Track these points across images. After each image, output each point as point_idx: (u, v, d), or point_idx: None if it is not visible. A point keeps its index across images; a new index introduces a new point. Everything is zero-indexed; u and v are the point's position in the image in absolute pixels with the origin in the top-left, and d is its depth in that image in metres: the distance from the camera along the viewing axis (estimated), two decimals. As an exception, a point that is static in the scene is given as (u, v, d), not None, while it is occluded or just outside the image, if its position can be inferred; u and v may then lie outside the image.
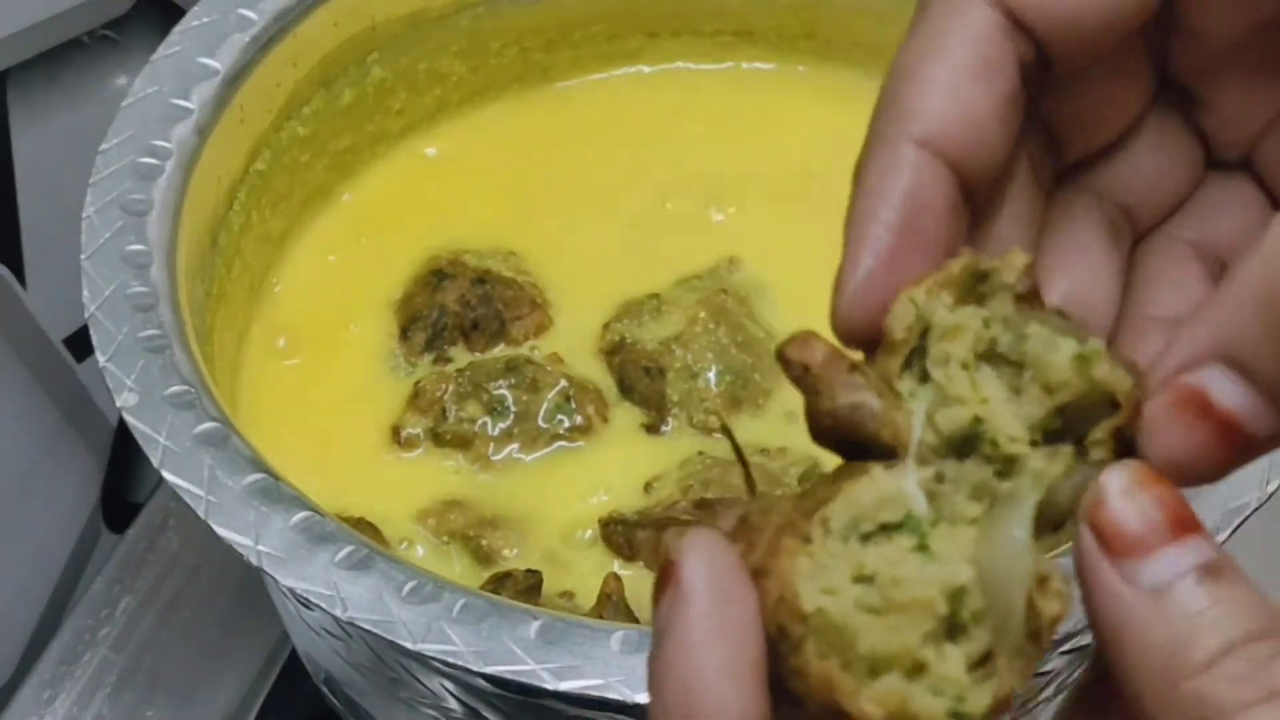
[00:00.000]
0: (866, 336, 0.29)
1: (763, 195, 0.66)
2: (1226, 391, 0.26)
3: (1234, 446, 0.27)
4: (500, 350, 0.60)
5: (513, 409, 0.58)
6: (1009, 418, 0.28)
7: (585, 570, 0.55)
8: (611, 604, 0.52)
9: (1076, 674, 0.51)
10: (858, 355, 0.29)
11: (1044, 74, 0.30)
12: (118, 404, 0.49)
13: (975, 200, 0.30)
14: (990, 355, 0.28)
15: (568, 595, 0.54)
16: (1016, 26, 0.29)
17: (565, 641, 0.44)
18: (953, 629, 0.27)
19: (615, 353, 0.60)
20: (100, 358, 0.50)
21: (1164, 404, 0.27)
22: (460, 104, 0.68)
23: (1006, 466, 0.27)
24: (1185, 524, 0.26)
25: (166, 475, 0.47)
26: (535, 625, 0.44)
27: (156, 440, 0.48)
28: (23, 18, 0.68)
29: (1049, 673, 0.50)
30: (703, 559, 0.26)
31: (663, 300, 0.60)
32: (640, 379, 0.59)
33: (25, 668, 0.65)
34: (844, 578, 0.26)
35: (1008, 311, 0.28)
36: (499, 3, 0.66)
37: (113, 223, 0.53)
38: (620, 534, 0.55)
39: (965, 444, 0.28)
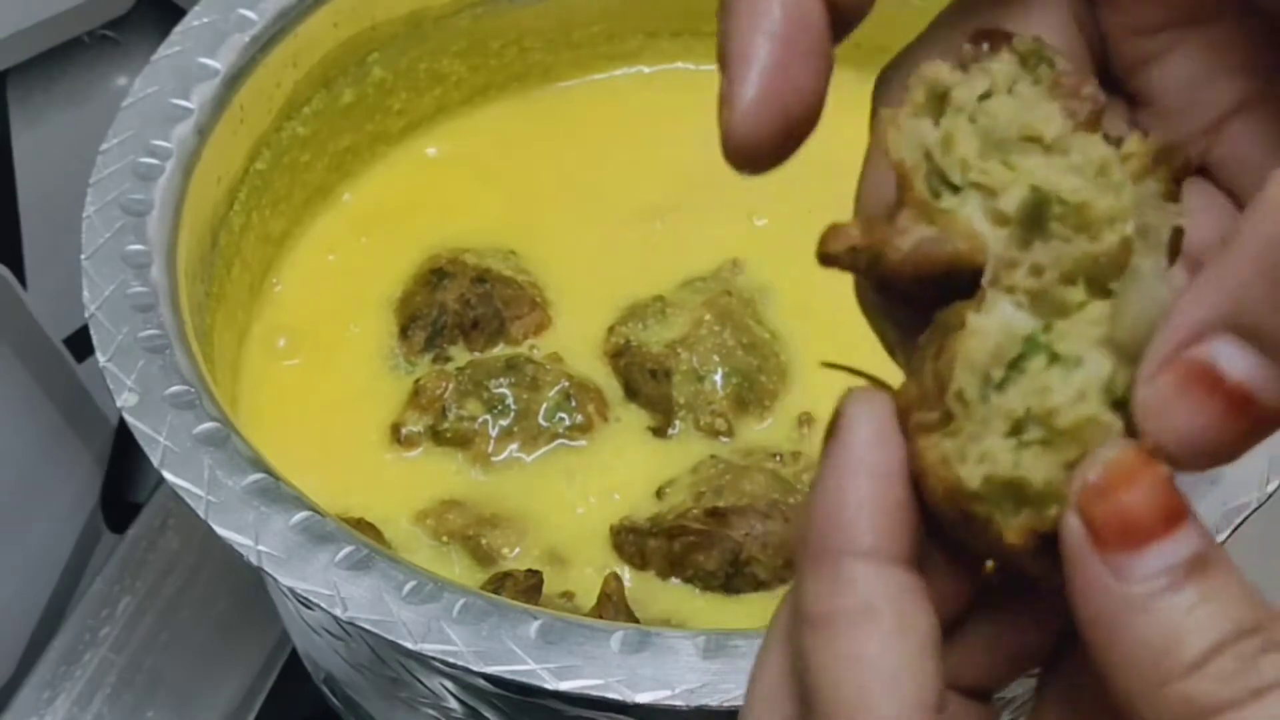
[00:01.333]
0: (765, 153, 0.29)
1: (763, 196, 0.66)
2: (1236, 362, 0.25)
3: (1248, 421, 0.25)
4: (500, 349, 0.60)
5: (513, 407, 0.58)
6: (1059, 171, 0.27)
7: (586, 570, 0.55)
8: (611, 604, 0.52)
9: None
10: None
11: None
12: (118, 404, 0.49)
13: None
14: (1000, 136, 0.27)
15: (568, 595, 0.54)
16: None
17: (565, 641, 0.44)
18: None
19: (620, 355, 0.60)
20: (100, 358, 0.50)
21: (1169, 382, 0.26)
22: (460, 104, 0.68)
23: (1086, 226, 0.27)
24: (1176, 514, 0.25)
25: (167, 475, 0.47)
26: (535, 625, 0.44)
27: (157, 440, 0.48)
28: (23, 18, 0.68)
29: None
30: (864, 413, 0.27)
31: (667, 302, 0.60)
32: (646, 382, 0.59)
33: (25, 668, 0.65)
34: (998, 436, 0.26)
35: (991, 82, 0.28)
36: (499, 3, 0.66)
37: (113, 223, 0.53)
38: (632, 542, 0.55)
39: (1036, 222, 0.27)
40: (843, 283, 0.30)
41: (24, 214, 0.70)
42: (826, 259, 0.28)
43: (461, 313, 0.60)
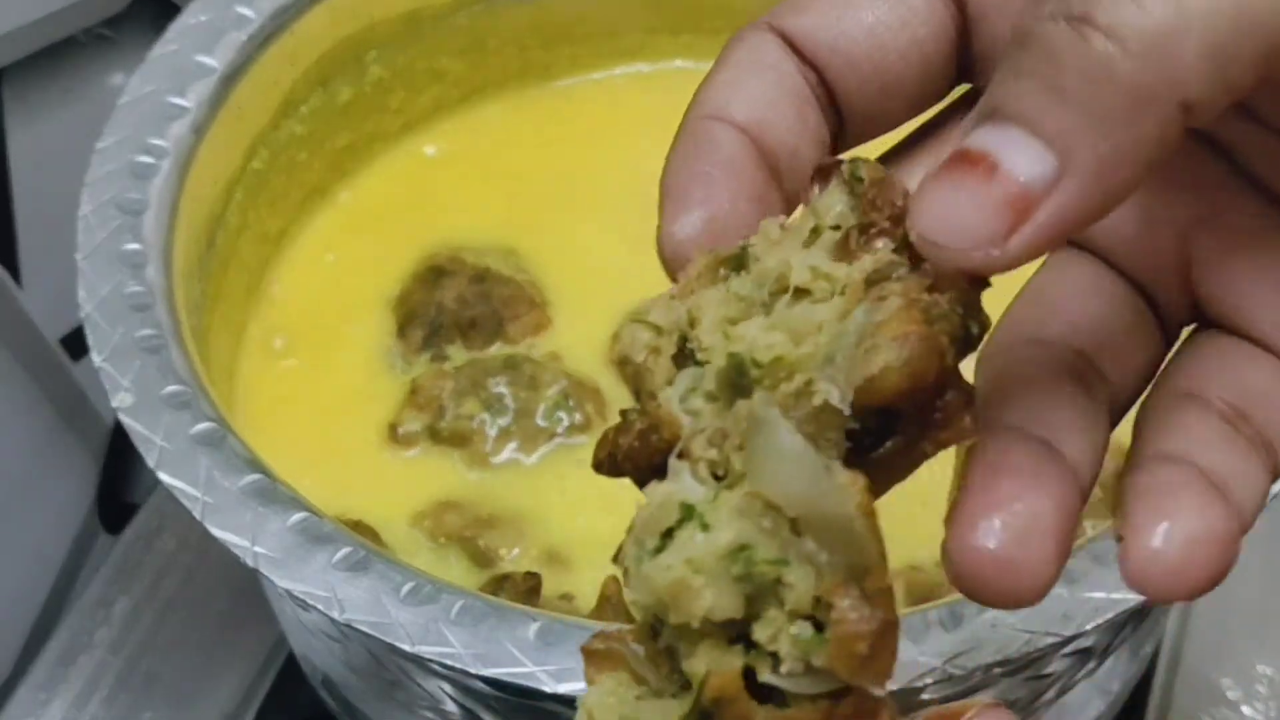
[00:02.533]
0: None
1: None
2: (986, 138, 0.25)
3: (1006, 195, 0.24)
4: (498, 349, 0.60)
5: (511, 406, 0.58)
6: (760, 331, 0.26)
7: (585, 572, 0.55)
8: (611, 606, 0.51)
9: (1079, 676, 0.51)
10: None
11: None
12: (114, 404, 0.48)
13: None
14: (748, 305, 0.27)
15: (567, 597, 0.54)
16: (792, 50, 0.30)
17: (564, 643, 0.43)
18: (760, 595, 0.25)
19: (626, 363, 0.59)
20: (96, 358, 0.50)
21: (929, 178, 0.25)
22: (459, 102, 0.68)
23: (784, 379, 0.26)
24: None
25: (162, 476, 0.47)
26: (534, 627, 0.44)
27: (153, 441, 0.48)
28: (18, 15, 0.67)
29: (1050, 675, 0.50)
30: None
31: None
32: None
33: (21, 669, 0.65)
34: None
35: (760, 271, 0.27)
36: (497, 1, 0.66)
37: (109, 222, 0.53)
38: None
39: (741, 388, 0.26)
40: None
41: (19, 213, 0.70)
42: (598, 468, 0.29)
43: (459, 312, 0.60)
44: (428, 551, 0.55)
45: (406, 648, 0.43)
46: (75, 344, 0.68)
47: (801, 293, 0.27)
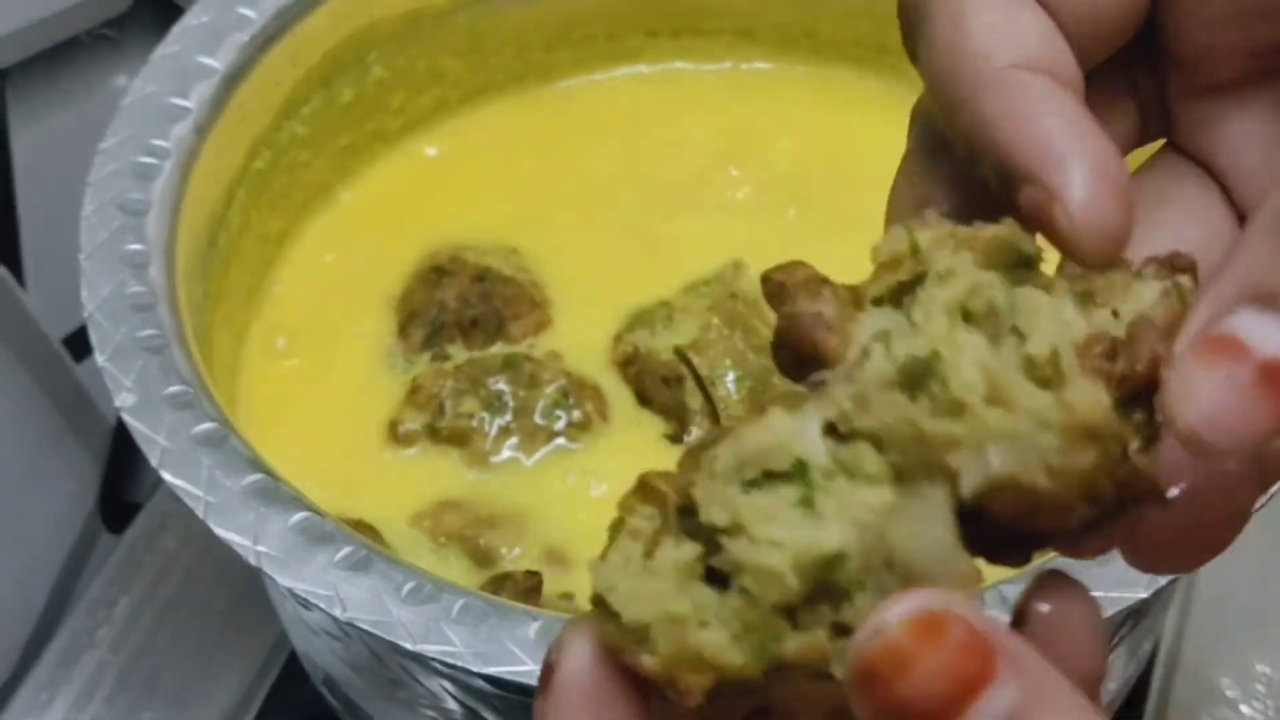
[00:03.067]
0: (1122, 237, 0.27)
1: (762, 195, 0.66)
2: (1261, 331, 0.23)
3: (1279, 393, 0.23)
4: (499, 348, 0.60)
5: (510, 405, 0.58)
6: (973, 366, 0.25)
7: (585, 571, 0.55)
8: (611, 605, 0.51)
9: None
10: None
11: None
12: (116, 404, 0.49)
13: None
14: (986, 318, 0.26)
15: (568, 597, 0.54)
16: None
17: (565, 642, 0.44)
18: (821, 592, 0.24)
19: (630, 364, 0.59)
20: (99, 358, 0.50)
21: (1194, 360, 0.24)
22: (460, 103, 0.68)
23: (954, 411, 0.25)
24: (980, 678, 0.22)
25: (165, 475, 0.47)
26: (535, 626, 0.44)
27: (155, 440, 0.48)
28: (22, 16, 0.67)
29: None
30: (577, 664, 0.26)
31: (673, 308, 0.60)
32: (659, 389, 0.58)
33: (23, 669, 0.65)
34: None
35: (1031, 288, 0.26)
36: (498, 1, 0.66)
37: (111, 222, 0.53)
38: None
39: (916, 382, 0.25)
40: (845, 281, 0.29)
41: (22, 213, 0.70)
42: (764, 279, 0.28)
43: (460, 311, 0.60)
44: (428, 552, 0.55)
45: (408, 646, 0.44)
46: (78, 344, 0.68)
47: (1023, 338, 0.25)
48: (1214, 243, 0.30)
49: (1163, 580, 0.44)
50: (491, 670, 0.43)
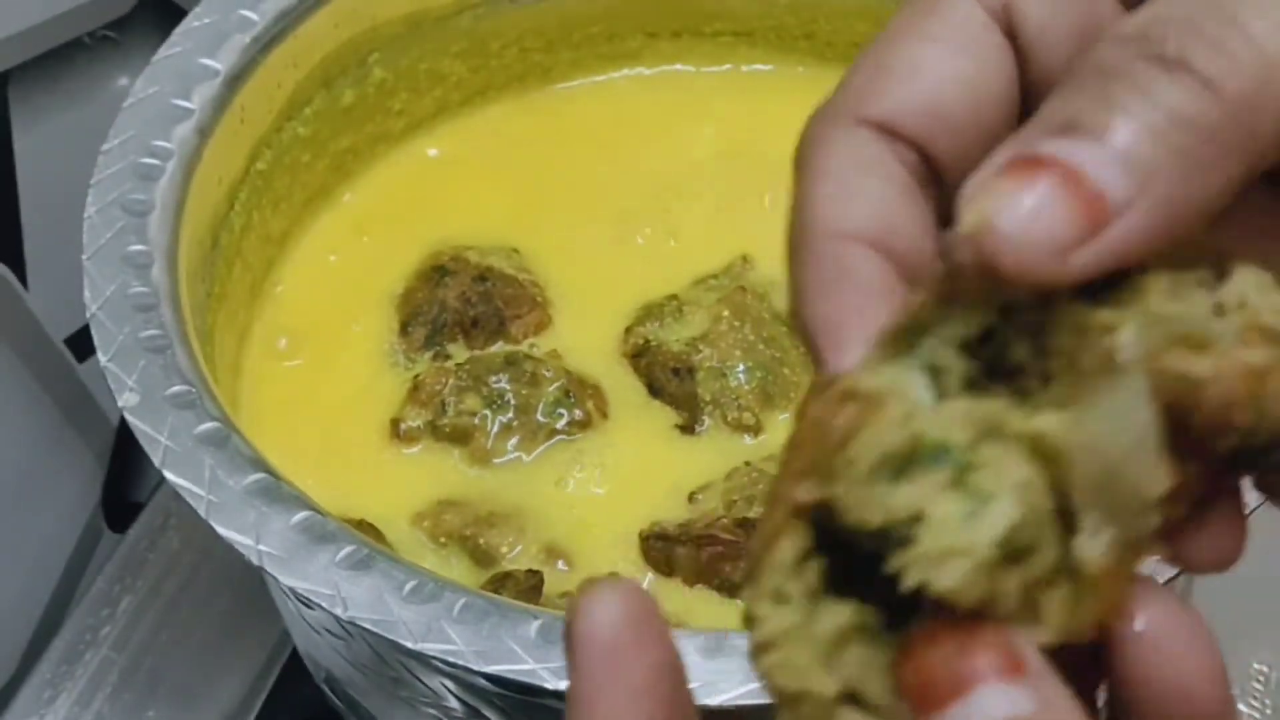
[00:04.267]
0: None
1: (761, 197, 0.66)
2: (1061, 146, 0.24)
3: (1083, 204, 0.24)
4: (499, 347, 0.60)
5: (512, 403, 0.58)
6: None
7: (587, 569, 0.55)
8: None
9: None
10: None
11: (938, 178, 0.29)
12: (119, 404, 0.49)
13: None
14: None
15: (569, 596, 0.54)
16: (887, 134, 0.28)
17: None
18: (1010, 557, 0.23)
19: (641, 355, 0.60)
20: (101, 358, 0.50)
21: (992, 179, 0.24)
22: (461, 104, 0.68)
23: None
24: (989, 672, 0.23)
25: (168, 475, 0.47)
26: (536, 624, 0.44)
27: (158, 440, 0.48)
28: (24, 18, 0.68)
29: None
30: (598, 624, 0.25)
31: (682, 301, 0.61)
32: (669, 381, 0.59)
33: (26, 667, 0.65)
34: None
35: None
36: (499, 3, 0.67)
37: (114, 223, 0.53)
38: (659, 549, 0.55)
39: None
40: None
41: (25, 214, 0.70)
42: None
43: (462, 311, 0.60)
44: (429, 552, 0.55)
45: (409, 645, 0.44)
46: (80, 344, 0.68)
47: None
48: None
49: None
50: (492, 669, 0.43)
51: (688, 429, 0.58)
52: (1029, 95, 0.29)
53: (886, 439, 0.24)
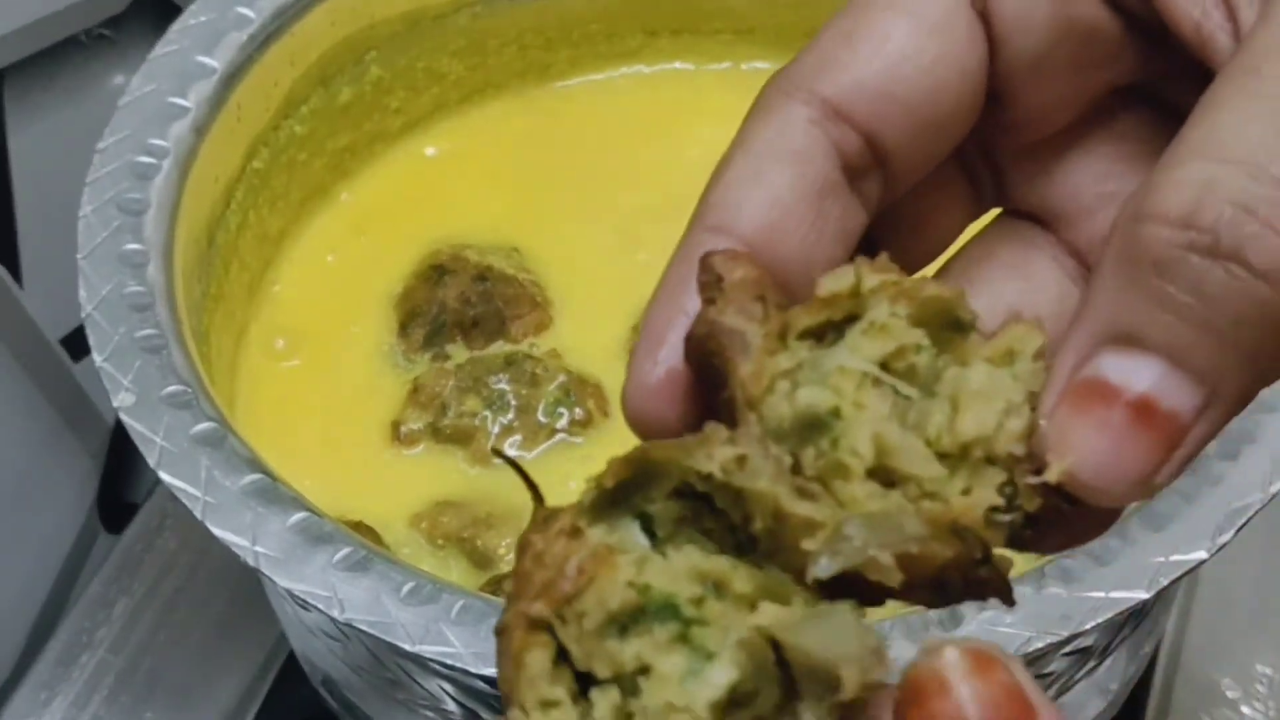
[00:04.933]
0: (655, 428, 0.28)
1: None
2: (1127, 372, 0.24)
3: (1158, 431, 0.24)
4: (499, 347, 0.60)
5: (513, 403, 0.58)
6: (865, 434, 0.25)
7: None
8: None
9: (1079, 675, 0.51)
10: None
11: (883, 168, 0.29)
12: (115, 404, 0.48)
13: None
14: (907, 378, 0.26)
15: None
16: (833, 117, 0.28)
17: (564, 643, 0.43)
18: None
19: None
20: (97, 358, 0.50)
21: (1066, 408, 0.24)
22: (459, 103, 0.68)
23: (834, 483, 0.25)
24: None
25: (163, 476, 0.47)
26: (534, 627, 0.44)
27: (153, 440, 0.48)
28: (19, 16, 0.67)
29: (1049, 675, 0.50)
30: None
31: None
32: None
33: (22, 669, 0.65)
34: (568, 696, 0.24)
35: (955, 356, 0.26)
36: (497, 1, 0.66)
37: (110, 222, 0.53)
38: None
39: (806, 435, 0.25)
40: None
41: (20, 213, 0.69)
42: (703, 261, 0.28)
43: (461, 311, 0.60)
44: (427, 554, 0.55)
45: (407, 647, 0.43)
46: (76, 344, 0.68)
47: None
48: (1038, 294, 0.30)
49: (1164, 581, 0.44)
50: (490, 671, 0.43)
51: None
52: (997, 82, 0.29)
53: (614, 598, 0.25)
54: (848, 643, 0.24)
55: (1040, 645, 0.43)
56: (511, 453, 0.58)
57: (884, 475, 0.25)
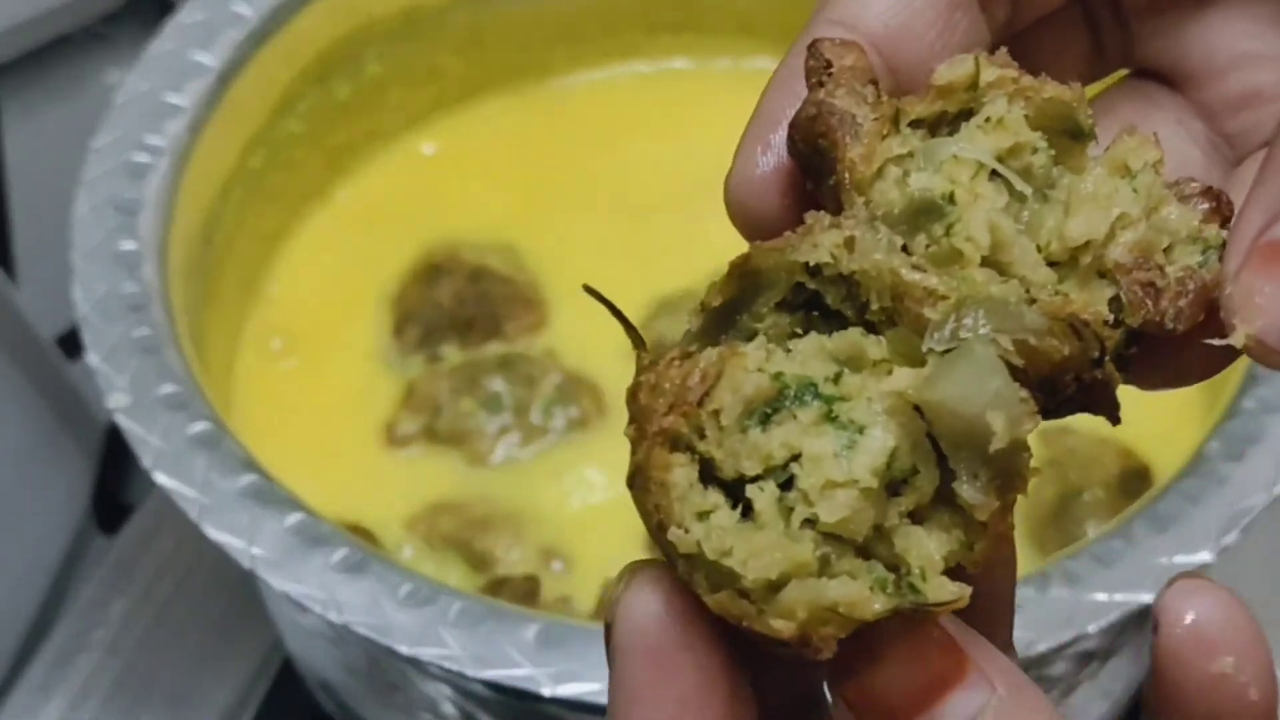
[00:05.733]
0: (757, 221, 0.27)
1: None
2: None
3: None
4: (494, 347, 0.60)
5: (508, 404, 0.57)
6: (983, 219, 0.24)
7: (583, 573, 0.54)
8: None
9: (1082, 677, 0.51)
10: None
11: None
12: (109, 404, 0.48)
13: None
14: (1022, 177, 0.25)
15: (565, 600, 0.53)
16: None
17: (563, 645, 0.43)
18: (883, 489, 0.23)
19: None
20: (92, 358, 0.50)
21: (1251, 269, 0.24)
22: (457, 100, 0.68)
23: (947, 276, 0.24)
24: (948, 679, 0.23)
25: (158, 477, 0.47)
26: (533, 629, 0.44)
27: (149, 441, 0.47)
28: (14, 14, 0.67)
29: (1053, 677, 0.49)
30: (639, 622, 0.24)
31: (698, 296, 0.60)
32: None
33: (18, 671, 0.64)
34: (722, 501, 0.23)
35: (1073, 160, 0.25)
36: (495, -2, 0.66)
37: (105, 221, 0.53)
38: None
39: (918, 222, 0.25)
40: None
41: (14, 212, 0.69)
42: (812, 46, 0.26)
43: (456, 311, 0.60)
44: (425, 557, 0.55)
45: (405, 650, 0.43)
46: (71, 343, 0.67)
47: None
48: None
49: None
50: (488, 674, 0.43)
51: None
52: None
53: (748, 384, 0.23)
54: (991, 383, 0.23)
55: (1043, 649, 0.43)
56: (509, 453, 0.57)
57: (994, 271, 0.25)
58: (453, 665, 0.43)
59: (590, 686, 0.43)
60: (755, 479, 0.23)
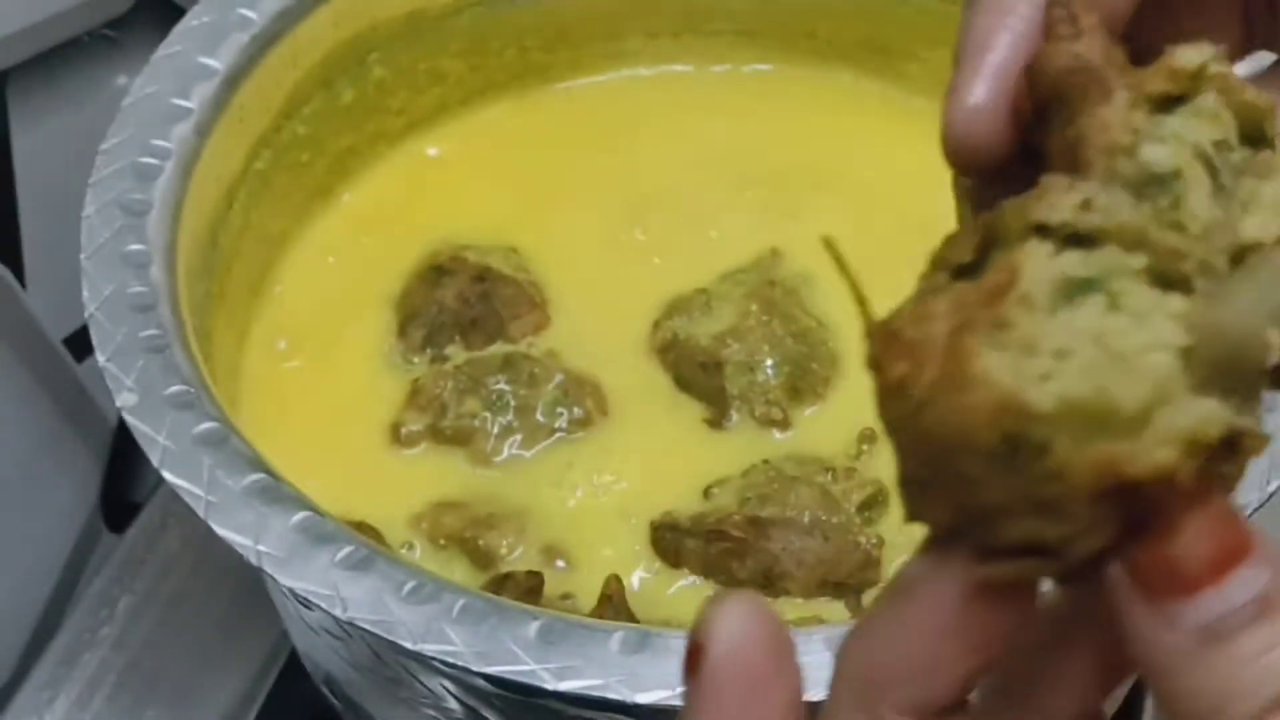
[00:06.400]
0: (982, 158, 0.26)
1: (759, 198, 0.66)
2: None
3: None
4: (497, 347, 0.60)
5: (512, 404, 0.58)
6: (1204, 200, 0.24)
7: (586, 571, 0.55)
8: (612, 605, 0.52)
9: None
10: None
11: None
12: (117, 404, 0.49)
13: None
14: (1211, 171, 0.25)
15: (568, 596, 0.54)
16: None
17: (565, 642, 0.44)
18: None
19: (669, 350, 0.60)
20: (100, 358, 0.50)
21: None
22: (461, 104, 0.68)
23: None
24: (1237, 551, 0.23)
25: (166, 475, 0.47)
26: (535, 625, 0.44)
27: (156, 440, 0.48)
28: (23, 17, 0.68)
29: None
30: (730, 646, 0.24)
31: (711, 295, 0.60)
32: (697, 375, 0.59)
33: (25, 668, 0.65)
34: (1052, 355, 0.23)
35: None
36: (499, 2, 0.66)
37: (113, 222, 0.53)
38: (669, 540, 0.55)
39: (1144, 193, 0.25)
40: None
41: (23, 213, 0.70)
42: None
43: (460, 311, 0.60)
44: (429, 555, 0.55)
45: (409, 646, 0.44)
46: (79, 344, 0.68)
47: None
48: None
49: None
50: (492, 670, 0.43)
51: (716, 423, 0.58)
52: None
53: (1053, 269, 0.24)
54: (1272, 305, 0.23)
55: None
56: (512, 453, 0.58)
57: None
58: (456, 660, 0.43)
59: (591, 681, 0.43)
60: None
